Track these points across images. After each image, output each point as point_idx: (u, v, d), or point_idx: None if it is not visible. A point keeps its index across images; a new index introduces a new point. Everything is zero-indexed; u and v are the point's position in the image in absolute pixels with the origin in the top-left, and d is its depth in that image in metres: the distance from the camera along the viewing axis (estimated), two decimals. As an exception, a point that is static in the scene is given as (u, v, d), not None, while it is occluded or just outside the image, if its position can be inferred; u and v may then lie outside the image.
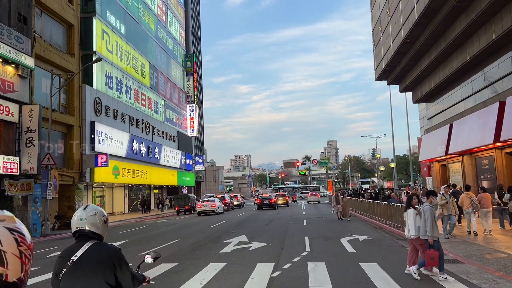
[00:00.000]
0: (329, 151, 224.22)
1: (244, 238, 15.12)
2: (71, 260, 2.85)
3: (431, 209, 8.44)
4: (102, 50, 31.42)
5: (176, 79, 51.72)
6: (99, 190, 36.40)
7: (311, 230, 18.00)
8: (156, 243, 15.08)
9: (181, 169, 50.14)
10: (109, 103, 32.13)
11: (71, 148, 27.04)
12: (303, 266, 9.48)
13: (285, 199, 44.39)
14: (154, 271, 9.33)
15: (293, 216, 27.85)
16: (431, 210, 8.38)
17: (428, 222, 8.18)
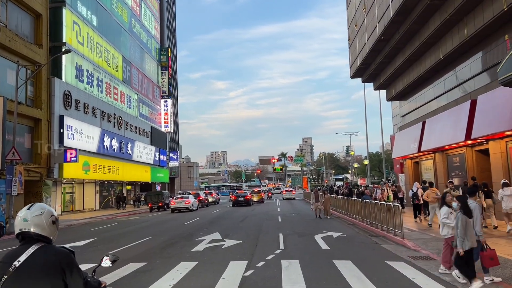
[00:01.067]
0: (304, 148, 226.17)
1: (217, 236, 14.84)
2: (13, 266, 2.56)
3: (478, 207, 7.85)
4: (72, 42, 30.37)
5: (150, 73, 50.72)
6: (68, 186, 35.28)
7: (286, 227, 17.88)
8: (126, 241, 14.61)
9: (155, 165, 49.31)
10: (80, 97, 31.13)
11: (39, 142, 26.03)
12: (277, 265, 9.29)
13: (261, 196, 44.30)
14: (121, 271, 8.94)
15: (268, 212, 27.73)
16: (479, 208, 7.81)
17: (478, 221, 7.48)
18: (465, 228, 7.00)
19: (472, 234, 7.08)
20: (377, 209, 15.55)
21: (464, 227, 7.00)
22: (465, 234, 6.99)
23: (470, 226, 7.13)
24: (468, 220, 7.11)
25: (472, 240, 7.02)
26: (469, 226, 7.07)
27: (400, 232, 12.82)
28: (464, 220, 7.05)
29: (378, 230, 14.98)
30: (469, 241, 6.98)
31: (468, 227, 7.04)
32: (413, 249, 11.09)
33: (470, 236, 7.02)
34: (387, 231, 14.09)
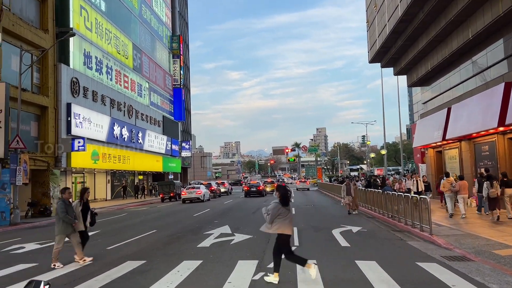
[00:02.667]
0: (318, 139, 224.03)
1: (227, 229, 13.78)
2: None
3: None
4: (79, 27, 29.46)
5: (161, 61, 49.72)
6: (79, 176, 34.72)
7: (300, 219, 16.74)
8: (130, 234, 13.66)
9: (167, 155, 48.54)
10: (88, 84, 30.29)
11: (46, 131, 25.31)
12: (291, 265, 8.13)
13: (274, 186, 43.17)
14: (115, 271, 7.93)
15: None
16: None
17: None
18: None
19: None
20: (400, 201, 14.28)
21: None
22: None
23: None
24: None
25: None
26: None
27: (427, 228, 11.57)
28: None
29: (401, 225, 13.75)
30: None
31: None
32: (444, 247, 9.85)
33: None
34: (412, 225, 12.85)
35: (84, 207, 9.16)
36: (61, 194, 9.08)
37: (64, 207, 8.64)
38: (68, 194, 8.98)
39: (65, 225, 8.64)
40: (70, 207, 8.81)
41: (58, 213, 8.63)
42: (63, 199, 8.86)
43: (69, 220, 8.61)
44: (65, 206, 8.67)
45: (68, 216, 8.61)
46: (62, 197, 8.93)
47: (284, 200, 7.13)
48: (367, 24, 31.64)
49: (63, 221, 8.61)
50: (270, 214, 7.00)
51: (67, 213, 8.62)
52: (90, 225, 9.36)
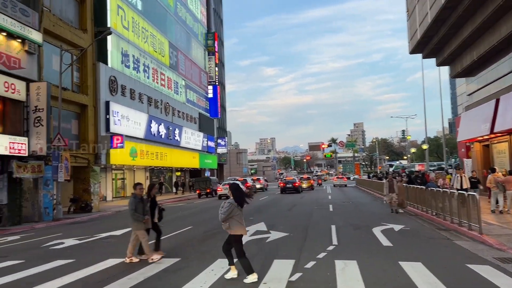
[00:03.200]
0: (355, 134, 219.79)
1: (262, 226, 13.49)
2: None
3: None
4: (117, 27, 30.01)
5: (197, 58, 50.07)
6: (119, 172, 35.57)
7: (338, 217, 16.21)
8: (166, 230, 13.55)
9: (203, 152, 48.93)
10: (126, 82, 30.84)
11: (86, 128, 25.97)
12: (330, 266, 7.75)
13: (310, 183, 42.59)
14: (149, 269, 7.81)
15: (318, 200, 26.07)
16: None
17: None
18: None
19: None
20: (445, 198, 13.47)
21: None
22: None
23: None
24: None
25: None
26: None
27: (476, 227, 10.80)
28: None
29: (447, 223, 12.96)
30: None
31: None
32: (497, 248, 9.12)
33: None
34: (459, 224, 12.08)
35: (152, 203, 8.98)
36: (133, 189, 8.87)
37: (134, 203, 8.42)
38: (139, 190, 8.64)
39: (136, 222, 8.49)
40: (141, 203, 8.55)
41: (129, 209, 8.54)
42: (135, 194, 8.59)
43: (137, 218, 8.42)
44: (135, 202, 8.44)
45: (136, 214, 8.40)
46: (135, 193, 8.65)
47: (238, 200, 7.05)
48: (407, 13, 30.34)
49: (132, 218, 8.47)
50: (223, 213, 6.92)
51: (136, 210, 8.40)
52: (158, 220, 9.19)
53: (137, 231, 8.56)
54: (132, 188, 9.42)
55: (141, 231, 8.56)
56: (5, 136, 17.83)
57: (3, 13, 17.70)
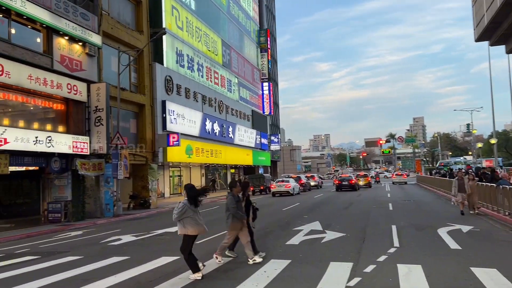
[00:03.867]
0: (415, 129, 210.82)
1: (317, 226, 12.99)
2: None
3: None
4: (171, 27, 30.63)
5: (249, 56, 50.14)
6: (176, 170, 36.46)
7: (399, 216, 15.29)
8: (218, 228, 13.52)
9: (256, 149, 48.95)
10: (181, 82, 31.44)
11: (143, 127, 26.75)
12: (391, 270, 7.15)
13: (367, 180, 41.12)
14: (206, 267, 7.63)
15: (376, 198, 24.99)
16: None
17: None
18: None
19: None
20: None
21: None
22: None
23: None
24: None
25: None
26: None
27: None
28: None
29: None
30: None
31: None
32: None
33: None
34: (538, 226, 10.85)
35: (246, 202, 8.61)
36: (230, 188, 8.39)
37: (235, 202, 8.06)
38: (238, 189, 8.25)
39: (237, 220, 8.07)
40: (240, 203, 8.20)
41: (229, 208, 8.06)
42: (233, 193, 8.19)
43: (240, 217, 8.02)
44: (235, 201, 8.08)
45: (240, 212, 8.03)
46: (233, 191, 8.23)
47: (191, 200, 7.15)
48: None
49: (233, 217, 8.02)
50: (176, 213, 7.03)
51: (238, 208, 8.05)
52: (252, 220, 8.75)
53: (231, 231, 8.12)
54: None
55: (234, 232, 8.11)
56: (69, 136, 18.73)
57: (66, 18, 18.56)
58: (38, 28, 17.73)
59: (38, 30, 17.84)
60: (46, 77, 17.40)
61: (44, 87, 17.30)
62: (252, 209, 8.69)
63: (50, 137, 17.29)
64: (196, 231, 7.07)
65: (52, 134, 17.59)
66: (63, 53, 18.69)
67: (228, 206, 8.12)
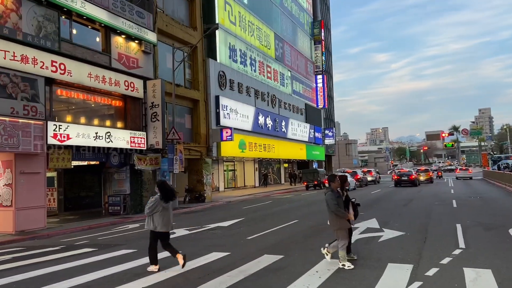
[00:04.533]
0: (481, 121, 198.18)
1: (374, 223, 12.37)
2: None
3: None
4: (224, 22, 30.78)
5: (303, 48, 49.37)
6: (230, 164, 36.87)
7: (464, 214, 14.20)
8: (272, 223, 13.35)
9: (310, 143, 48.21)
10: (233, 77, 31.56)
11: (198, 122, 27.16)
12: (457, 275, 6.52)
13: (428, 175, 39.01)
14: (251, 266, 7.44)
15: (438, 195, 23.56)
16: None
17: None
18: None
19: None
20: None
21: None
22: None
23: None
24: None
25: None
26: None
27: None
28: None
29: None
30: None
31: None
32: None
33: None
34: None
35: (345, 198, 7.83)
36: (329, 183, 7.64)
37: (335, 198, 7.36)
38: (337, 183, 7.55)
39: (340, 218, 7.38)
40: (340, 199, 7.50)
41: (330, 205, 7.36)
42: (332, 188, 7.49)
43: (342, 214, 7.32)
44: (335, 197, 7.39)
45: (340, 209, 7.34)
46: (331, 186, 7.52)
47: (163, 196, 7.30)
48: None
49: (335, 215, 7.36)
50: (147, 208, 7.24)
51: (338, 205, 7.37)
52: (354, 218, 7.88)
53: (339, 231, 7.37)
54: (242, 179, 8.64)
55: (343, 231, 7.37)
56: (127, 131, 19.37)
57: (123, 17, 19.15)
58: (97, 27, 18.44)
59: (97, 29, 18.55)
60: (104, 75, 18.08)
61: (103, 85, 17.98)
62: (352, 206, 7.80)
63: (109, 133, 17.97)
64: (166, 227, 7.35)
65: (111, 130, 18.27)
66: (120, 51, 19.31)
67: (327, 203, 7.42)
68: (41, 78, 15.04)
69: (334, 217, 7.38)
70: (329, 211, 7.46)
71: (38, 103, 14.92)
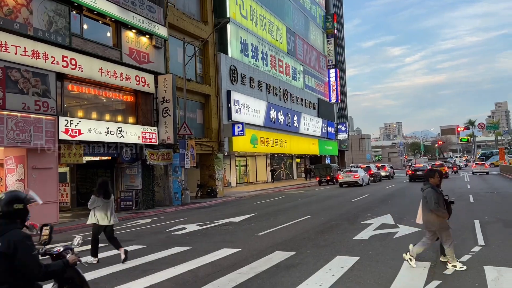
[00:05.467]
0: (497, 115, 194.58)
1: (389, 219, 12.06)
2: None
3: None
4: (236, 16, 30.51)
5: (315, 42, 48.82)
6: (242, 159, 36.70)
7: (482, 210, 13.80)
8: (283, 219, 13.15)
9: (322, 138, 47.77)
10: (245, 71, 31.31)
11: (209, 117, 27.02)
12: (477, 273, 6.24)
13: (444, 170, 38.32)
14: (261, 263, 7.25)
15: (454, 190, 23.05)
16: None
17: None
18: None
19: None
20: None
21: None
22: None
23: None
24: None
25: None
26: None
27: None
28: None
29: None
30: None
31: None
32: None
33: None
34: None
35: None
36: (430, 178, 6.97)
37: (436, 196, 6.68)
38: (436, 179, 6.89)
39: (440, 218, 6.72)
40: (441, 196, 6.81)
41: (430, 203, 6.69)
42: (431, 185, 6.86)
43: (443, 214, 6.70)
44: (436, 195, 6.72)
45: (441, 209, 6.68)
46: (430, 182, 6.91)
47: (103, 192, 8.01)
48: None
49: (436, 214, 6.71)
50: (89, 204, 8.06)
51: (439, 203, 6.71)
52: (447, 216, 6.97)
53: (442, 231, 6.73)
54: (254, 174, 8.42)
55: (446, 231, 6.74)
56: (138, 126, 19.33)
57: (133, 12, 19.05)
58: (107, 22, 18.37)
59: (108, 24, 18.49)
60: (115, 70, 18.02)
61: (114, 80, 17.93)
62: (445, 203, 7.00)
63: (120, 128, 17.94)
64: (104, 221, 7.98)
65: (123, 125, 18.23)
66: (131, 46, 19.23)
67: (428, 200, 6.73)
68: (52, 73, 15.04)
69: (434, 217, 6.70)
70: (426, 209, 6.82)
71: (50, 98, 14.92)
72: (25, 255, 3.09)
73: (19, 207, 3.30)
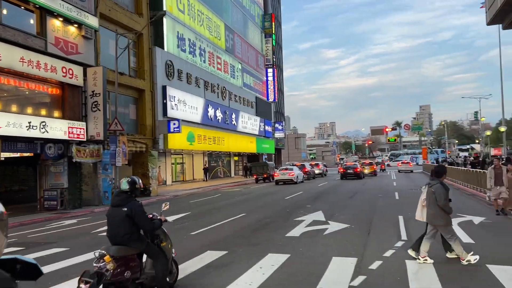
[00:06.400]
0: (421, 117, 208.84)
1: (320, 216, 12.35)
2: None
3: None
4: (172, 10, 29.76)
5: (253, 41, 49.13)
6: (178, 157, 35.92)
7: (406, 206, 14.58)
8: (218, 217, 12.98)
9: (260, 136, 48.27)
10: (182, 67, 30.66)
11: (143, 113, 26.09)
12: (400, 267, 6.52)
13: (372, 168, 40.34)
14: (192, 263, 7.04)
15: (382, 187, 24.31)
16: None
17: None
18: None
19: None
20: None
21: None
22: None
23: None
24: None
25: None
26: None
27: None
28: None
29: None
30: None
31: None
32: None
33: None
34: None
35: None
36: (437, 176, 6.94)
37: (445, 192, 6.68)
38: (444, 175, 6.93)
39: (446, 214, 6.73)
40: (448, 192, 6.82)
41: (439, 199, 6.63)
42: (440, 181, 6.83)
43: (449, 210, 6.72)
44: (445, 191, 6.71)
45: (449, 206, 6.70)
46: (438, 178, 6.88)
47: None
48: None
49: (443, 210, 6.68)
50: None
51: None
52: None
53: (447, 227, 6.80)
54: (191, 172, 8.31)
55: (450, 226, 6.85)
56: (64, 121, 18.12)
57: (60, -1, 17.80)
58: (31, 8, 17.01)
59: (31, 11, 17.13)
60: (39, 60, 16.73)
61: (37, 70, 16.64)
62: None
63: (44, 122, 16.70)
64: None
65: (47, 119, 16.99)
66: (58, 35, 17.98)
67: (436, 197, 6.67)
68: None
69: (441, 213, 6.71)
70: (432, 204, 6.76)
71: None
72: (140, 216, 4.95)
73: (137, 186, 5.16)
